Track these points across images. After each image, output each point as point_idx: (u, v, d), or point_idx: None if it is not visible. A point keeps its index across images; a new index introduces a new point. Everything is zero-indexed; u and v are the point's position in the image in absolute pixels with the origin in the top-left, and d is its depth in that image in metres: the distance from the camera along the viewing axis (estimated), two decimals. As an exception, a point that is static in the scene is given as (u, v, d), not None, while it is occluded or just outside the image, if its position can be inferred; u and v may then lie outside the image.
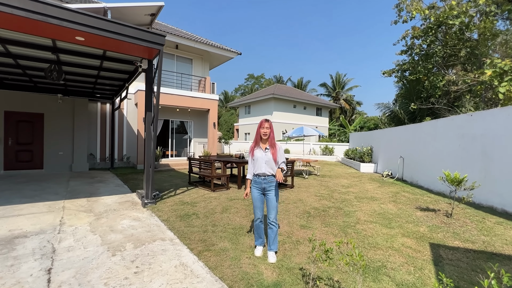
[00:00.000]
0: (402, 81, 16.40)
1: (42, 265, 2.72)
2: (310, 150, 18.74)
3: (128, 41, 4.19)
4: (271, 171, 3.04)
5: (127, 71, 6.62)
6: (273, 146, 3.09)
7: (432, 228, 4.07)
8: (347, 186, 7.59)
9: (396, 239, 3.64)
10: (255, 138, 3.15)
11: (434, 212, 4.96)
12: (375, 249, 3.28)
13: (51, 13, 3.50)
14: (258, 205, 3.11)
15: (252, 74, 47.24)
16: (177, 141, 13.77)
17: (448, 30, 12.69)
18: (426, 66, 13.39)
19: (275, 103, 24.31)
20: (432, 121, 7.86)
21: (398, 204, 5.56)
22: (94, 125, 10.99)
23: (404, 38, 14.12)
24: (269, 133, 3.07)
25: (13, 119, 8.91)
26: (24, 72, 6.72)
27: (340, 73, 37.45)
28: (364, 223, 4.31)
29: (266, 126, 3.07)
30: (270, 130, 3.09)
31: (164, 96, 11.59)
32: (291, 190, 6.89)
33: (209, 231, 3.82)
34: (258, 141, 3.12)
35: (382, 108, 18.72)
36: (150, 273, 2.61)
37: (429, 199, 6.03)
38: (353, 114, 36.62)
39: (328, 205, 5.43)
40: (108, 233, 3.65)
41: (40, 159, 9.35)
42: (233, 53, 13.78)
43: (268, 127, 3.08)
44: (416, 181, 7.99)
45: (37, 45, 4.82)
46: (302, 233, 3.81)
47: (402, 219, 4.56)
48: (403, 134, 9.31)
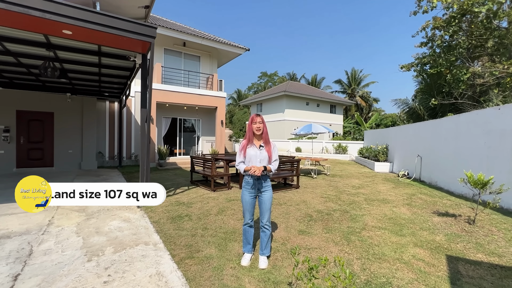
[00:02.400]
0: (421, 75, 15.40)
1: (12, 270, 2.55)
2: (322, 148, 18.11)
3: (116, 34, 4.00)
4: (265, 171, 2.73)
5: (127, 67, 6.50)
6: (268, 143, 2.78)
7: (450, 237, 3.56)
8: (357, 187, 7.08)
9: (406, 249, 3.18)
10: (247, 136, 2.83)
11: (454, 217, 4.41)
12: (380, 261, 2.86)
13: (32, 5, 3.35)
14: (248, 208, 2.80)
15: (265, 72, 46.73)
16: (185, 140, 13.71)
17: (474, 19, 11.64)
18: (448, 58, 12.39)
19: (287, 100, 23.77)
20: (453, 116, 7.15)
21: (412, 208, 5.03)
22: (102, 123, 11.11)
23: (424, 29, 13.16)
24: (263, 128, 2.75)
25: (25, 118, 9.12)
26: (29, 71, 6.78)
27: (356, 69, 36.16)
28: (372, 229, 3.87)
29: (259, 121, 2.76)
30: (263, 125, 2.77)
31: (171, 94, 11.53)
32: (295, 191, 6.50)
33: (198, 235, 3.54)
34: (251, 138, 2.80)
35: (400, 104, 17.74)
36: (121, 283, 2.36)
37: (449, 202, 5.43)
38: (369, 111, 35.24)
39: (334, 207, 5.00)
40: (92, 235, 3.47)
41: (51, 157, 9.54)
42: (241, 49, 13.48)
43: (260, 122, 2.76)
44: (435, 182, 7.32)
45: (30, 41, 4.76)
46: (299, 239, 3.45)
47: (416, 225, 4.06)
48: (421, 131, 8.61)
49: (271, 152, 2.75)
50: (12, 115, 8.86)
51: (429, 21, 12.80)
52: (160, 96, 11.21)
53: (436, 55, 13.01)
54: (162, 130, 12.55)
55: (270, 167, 2.68)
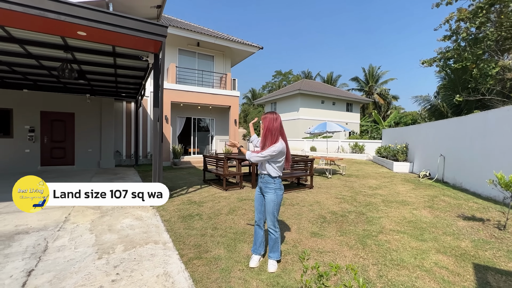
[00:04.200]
0: (445, 71, 14.57)
1: (27, 265, 2.62)
2: (338, 147, 17.66)
3: (128, 34, 4.04)
4: (265, 170, 2.63)
5: (141, 68, 6.61)
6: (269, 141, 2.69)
7: (478, 243, 3.28)
8: (374, 188, 6.79)
9: (428, 255, 2.96)
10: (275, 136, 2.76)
11: (481, 222, 4.08)
12: (398, 268, 2.66)
13: (48, 7, 3.44)
14: (256, 206, 2.78)
15: (280, 71, 46.32)
16: (199, 139, 13.83)
17: (504, 9, 10.83)
18: (474, 52, 11.60)
19: (302, 99, 23.42)
20: (480, 113, 6.66)
21: (435, 211, 4.72)
22: (120, 123, 11.44)
23: (448, 22, 12.41)
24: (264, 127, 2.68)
25: (48, 118, 9.56)
26: (50, 73, 7.07)
27: (374, 66, 34.98)
28: (389, 232, 3.65)
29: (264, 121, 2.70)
30: (264, 124, 2.69)
31: (185, 93, 11.66)
32: (309, 191, 6.33)
33: (207, 235, 3.50)
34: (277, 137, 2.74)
35: (421, 101, 16.88)
36: (128, 282, 2.35)
37: (475, 205, 5.05)
38: (388, 109, 33.99)
39: (349, 209, 4.79)
40: (105, 233, 3.52)
41: (72, 156, 9.94)
42: (254, 48, 13.40)
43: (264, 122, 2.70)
44: (460, 183, 6.87)
45: (49, 44, 4.94)
46: (312, 242, 3.31)
47: (439, 229, 3.79)
48: (444, 129, 8.12)
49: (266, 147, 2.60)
50: (36, 115, 9.32)
51: (453, 13, 12.05)
52: (175, 96, 11.37)
53: (461, 49, 12.23)
54: (177, 130, 12.74)
55: (245, 152, 2.66)
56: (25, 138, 9.10)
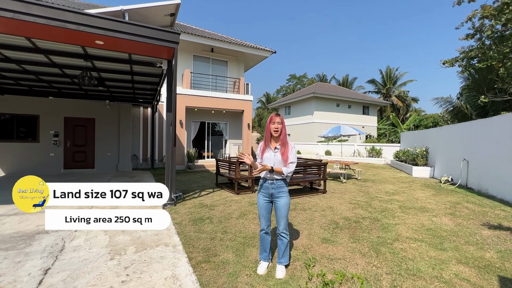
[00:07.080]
0: (468, 71, 13.83)
1: (44, 264, 2.74)
2: (354, 151, 17.21)
3: (142, 41, 4.19)
4: (279, 176, 2.58)
5: (156, 74, 6.82)
6: (284, 145, 2.61)
7: (504, 254, 3.05)
8: (391, 193, 6.52)
9: (448, 266, 2.78)
10: (265, 136, 2.71)
11: (509, 231, 3.79)
12: (414, 278, 2.52)
13: (68, 19, 3.65)
14: (263, 214, 2.68)
15: (294, 74, 46.22)
16: (213, 143, 14.01)
17: (532, 4, 10.20)
18: (501, 50, 10.89)
19: (316, 102, 23.14)
20: (508, 114, 6.26)
21: (456, 218, 4.45)
22: (137, 128, 11.83)
23: (471, 20, 11.77)
24: (281, 129, 2.61)
25: (71, 124, 10.08)
26: (72, 81, 7.47)
27: (391, 67, 34.01)
28: (406, 240, 3.48)
29: (277, 121, 2.61)
30: (282, 126, 2.62)
31: (200, 98, 11.88)
32: (322, 196, 6.19)
33: (217, 239, 3.50)
34: (268, 139, 2.68)
35: (442, 103, 16.09)
36: (137, 284, 2.39)
37: (503, 213, 4.72)
38: (407, 112, 32.79)
39: (363, 215, 4.63)
40: (118, 234, 3.62)
41: (92, 160, 10.39)
42: (267, 52, 13.45)
43: (279, 122, 2.61)
44: (485, 190, 6.45)
45: (71, 53, 5.23)
46: (322, 248, 3.21)
47: (461, 238, 3.56)
48: (467, 132, 7.70)
49: (287, 154, 2.58)
50: (60, 121, 9.85)
51: (477, 10, 11.48)
52: (189, 101, 11.61)
53: (485, 47, 11.56)
54: (191, 134, 12.98)
55: (281, 169, 2.52)
56: (50, 142, 9.63)
